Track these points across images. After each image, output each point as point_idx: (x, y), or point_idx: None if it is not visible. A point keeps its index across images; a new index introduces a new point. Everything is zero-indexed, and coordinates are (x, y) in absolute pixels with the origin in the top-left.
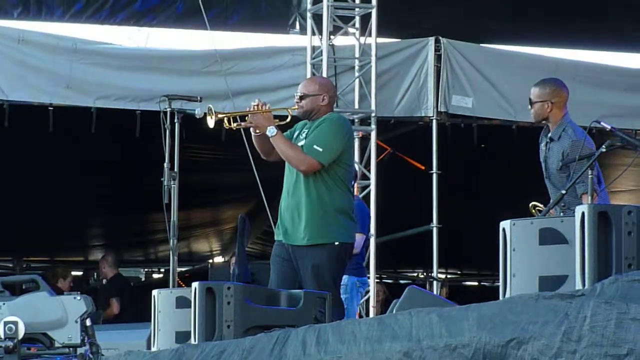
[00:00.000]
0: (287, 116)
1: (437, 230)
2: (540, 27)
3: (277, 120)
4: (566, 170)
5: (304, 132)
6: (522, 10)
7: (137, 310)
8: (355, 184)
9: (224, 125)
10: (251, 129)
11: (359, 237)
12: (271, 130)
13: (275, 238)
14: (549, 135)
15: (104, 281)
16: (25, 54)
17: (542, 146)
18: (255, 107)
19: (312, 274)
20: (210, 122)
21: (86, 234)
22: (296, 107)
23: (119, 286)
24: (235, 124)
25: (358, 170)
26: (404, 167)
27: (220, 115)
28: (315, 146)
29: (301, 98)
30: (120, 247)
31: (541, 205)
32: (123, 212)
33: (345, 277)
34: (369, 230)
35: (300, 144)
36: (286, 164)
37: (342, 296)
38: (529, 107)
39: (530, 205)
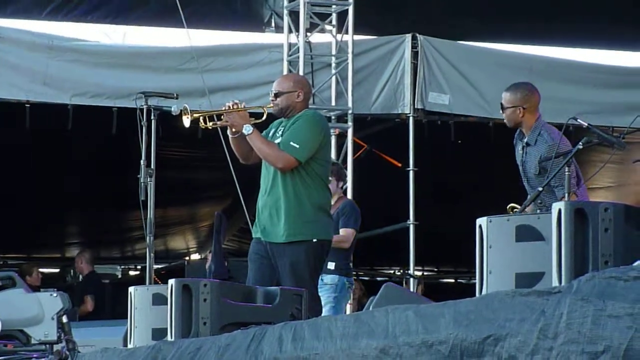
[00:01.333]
0: (262, 114)
1: (413, 228)
2: (516, 25)
3: (253, 118)
4: (544, 173)
5: (280, 129)
6: (499, 8)
7: (110, 308)
8: (339, 183)
9: (200, 125)
10: (228, 129)
11: (350, 232)
12: (247, 129)
13: (253, 235)
14: (525, 140)
15: (80, 277)
16: (1, 50)
17: (519, 149)
18: (230, 107)
19: (290, 271)
20: (186, 122)
21: (63, 231)
22: (271, 105)
23: (95, 283)
24: (211, 123)
25: None
26: (381, 164)
27: (195, 115)
28: (291, 143)
29: (276, 95)
30: (97, 244)
31: (519, 207)
32: (100, 209)
33: (335, 277)
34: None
35: (276, 141)
36: (263, 161)
37: (332, 295)
38: (501, 112)
39: (508, 207)
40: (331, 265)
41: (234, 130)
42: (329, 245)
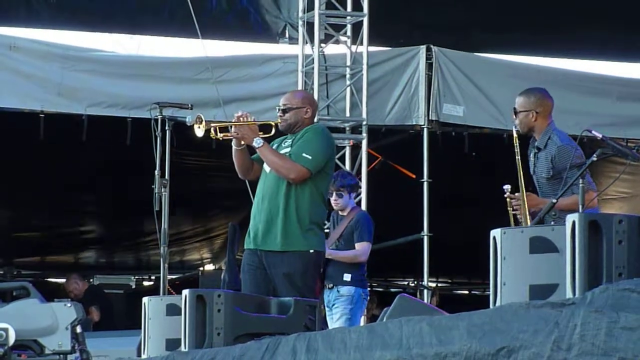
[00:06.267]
0: (271, 128)
1: (427, 239)
2: (532, 36)
3: (262, 132)
4: (556, 178)
5: (286, 142)
6: (514, 19)
7: (117, 319)
8: (351, 195)
9: (211, 135)
10: (234, 142)
11: (366, 245)
12: (257, 141)
13: (245, 246)
14: (536, 144)
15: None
16: (16, 60)
17: (531, 157)
18: (240, 118)
19: (286, 282)
20: (199, 132)
21: (76, 241)
22: (279, 120)
23: (98, 295)
24: (222, 134)
25: None
26: (395, 175)
27: (207, 125)
28: (304, 154)
29: (284, 111)
30: (111, 254)
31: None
32: (114, 219)
33: (352, 289)
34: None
35: (285, 152)
36: (262, 171)
37: (348, 307)
38: (514, 117)
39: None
40: (347, 277)
41: (242, 142)
42: (324, 255)
